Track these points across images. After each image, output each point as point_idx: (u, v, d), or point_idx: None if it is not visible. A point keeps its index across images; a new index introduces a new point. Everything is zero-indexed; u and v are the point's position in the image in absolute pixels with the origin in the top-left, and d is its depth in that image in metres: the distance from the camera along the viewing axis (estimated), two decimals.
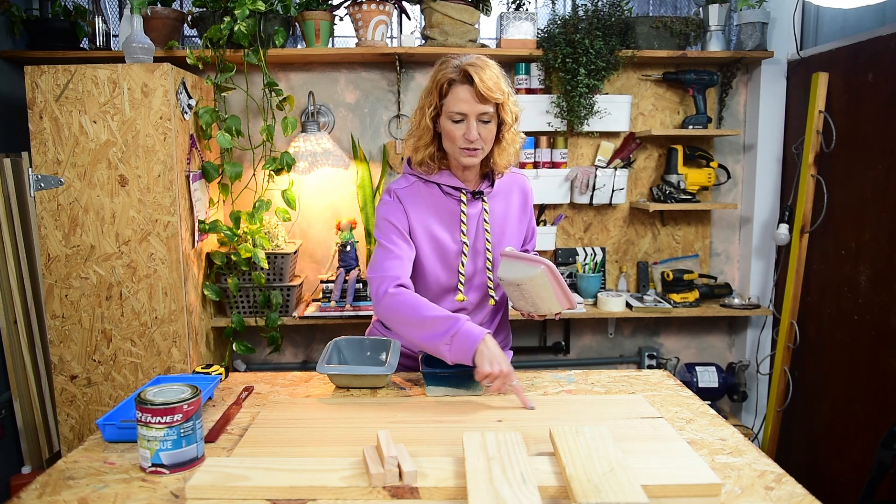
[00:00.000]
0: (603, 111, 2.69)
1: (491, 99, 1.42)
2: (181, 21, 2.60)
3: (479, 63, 1.43)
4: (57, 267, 2.20)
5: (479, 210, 1.56)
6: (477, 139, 1.44)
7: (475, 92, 1.41)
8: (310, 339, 2.92)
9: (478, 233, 1.57)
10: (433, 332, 1.35)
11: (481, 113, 1.43)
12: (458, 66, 1.43)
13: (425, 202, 1.54)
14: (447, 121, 1.46)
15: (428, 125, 1.49)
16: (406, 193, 1.55)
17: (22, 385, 2.42)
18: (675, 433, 1.19)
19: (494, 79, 1.42)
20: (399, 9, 2.73)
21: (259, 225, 2.55)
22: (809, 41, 2.66)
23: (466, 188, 1.54)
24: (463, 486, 0.97)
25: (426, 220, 1.54)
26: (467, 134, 1.43)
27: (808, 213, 2.53)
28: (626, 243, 2.92)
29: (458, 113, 1.43)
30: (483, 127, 1.45)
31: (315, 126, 2.65)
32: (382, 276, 1.45)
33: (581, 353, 3.01)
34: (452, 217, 1.55)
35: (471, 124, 1.43)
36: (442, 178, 1.54)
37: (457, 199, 1.55)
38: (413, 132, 1.54)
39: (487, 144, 1.48)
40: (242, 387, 1.47)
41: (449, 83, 1.44)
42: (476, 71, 1.41)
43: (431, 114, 1.48)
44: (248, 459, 1.06)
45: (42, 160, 2.15)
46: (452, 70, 1.44)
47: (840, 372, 2.39)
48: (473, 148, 1.46)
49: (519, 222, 1.64)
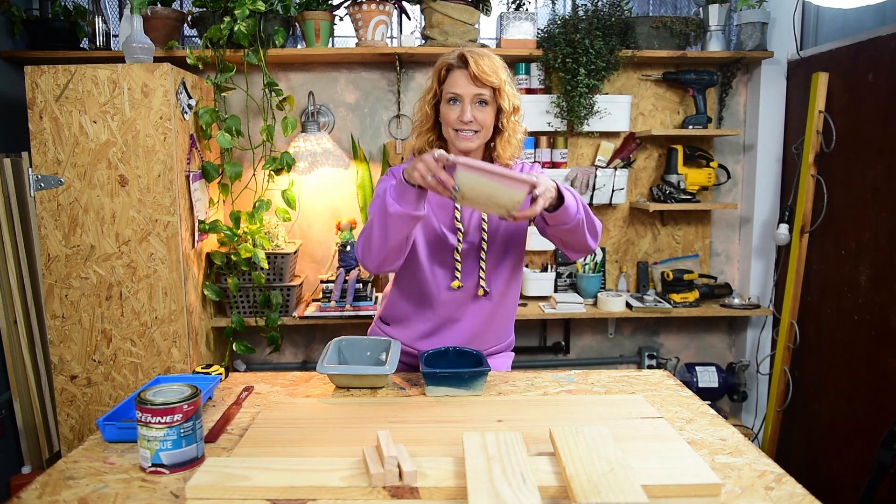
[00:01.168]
0: (603, 111, 2.69)
1: (486, 82, 1.44)
2: (181, 21, 2.60)
3: (479, 51, 1.48)
4: (57, 267, 2.20)
5: None
6: (471, 121, 1.46)
7: (470, 74, 1.45)
8: (310, 339, 2.92)
9: (473, 222, 1.57)
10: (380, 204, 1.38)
11: (476, 94, 1.46)
12: (457, 53, 1.48)
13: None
14: (444, 104, 1.49)
15: (428, 112, 1.53)
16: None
17: (22, 385, 2.42)
18: (675, 433, 1.19)
19: (492, 65, 1.45)
20: (399, 9, 2.73)
21: (259, 225, 2.55)
22: (809, 41, 2.66)
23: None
24: (463, 486, 0.97)
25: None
26: (461, 115, 1.46)
27: (808, 213, 2.53)
28: (626, 243, 2.92)
29: (453, 93, 1.47)
30: (479, 109, 1.47)
31: (315, 126, 2.65)
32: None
33: (581, 353, 3.01)
34: (448, 204, 1.57)
35: (465, 106, 1.46)
36: None
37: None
38: (415, 126, 1.59)
39: (484, 129, 1.49)
40: (242, 387, 1.47)
41: (447, 68, 1.49)
42: (472, 55, 1.45)
43: (431, 101, 1.52)
44: (248, 459, 1.06)
45: (42, 160, 2.15)
46: (451, 56, 1.49)
47: (840, 372, 2.39)
48: (469, 130, 1.48)
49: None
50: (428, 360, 1.46)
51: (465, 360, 1.49)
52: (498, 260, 1.60)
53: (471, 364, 1.46)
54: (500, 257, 1.60)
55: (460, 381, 1.40)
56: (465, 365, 1.46)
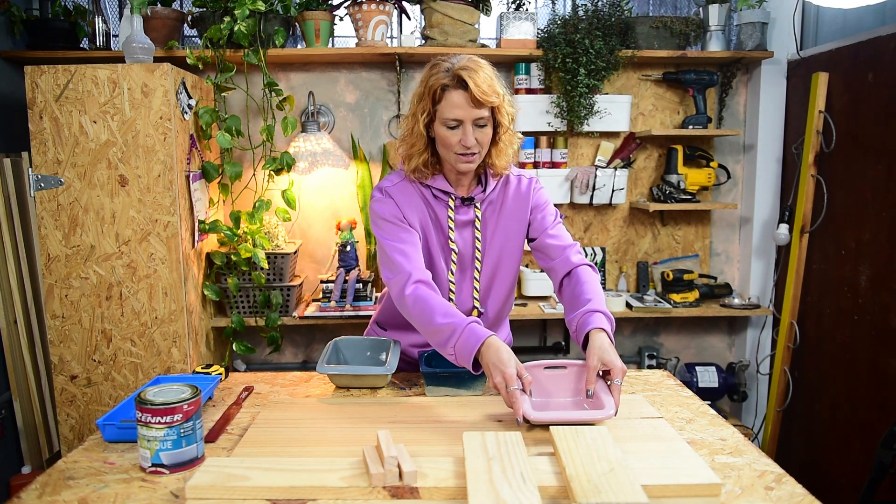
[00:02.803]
0: (603, 111, 2.69)
1: (486, 103, 1.37)
2: (181, 21, 2.60)
3: (472, 66, 1.37)
4: (57, 267, 2.20)
5: (472, 217, 1.52)
6: (474, 145, 1.39)
7: (470, 97, 1.36)
8: (310, 339, 2.92)
9: (467, 241, 1.53)
10: (439, 339, 1.32)
11: (477, 118, 1.38)
12: (449, 70, 1.37)
13: (416, 205, 1.50)
14: (442, 127, 1.41)
15: (421, 132, 1.44)
16: (397, 191, 1.50)
17: (22, 385, 2.42)
18: (675, 433, 1.19)
19: (489, 81, 1.37)
20: (399, 9, 2.73)
21: (259, 225, 2.55)
22: (809, 41, 2.66)
23: (456, 194, 1.50)
24: (463, 486, 0.97)
25: (415, 221, 1.49)
26: (464, 140, 1.39)
27: (808, 213, 2.53)
28: (626, 243, 2.92)
29: (454, 119, 1.38)
30: (479, 131, 1.40)
31: (315, 126, 2.65)
32: (397, 277, 1.41)
33: (581, 354, 2.99)
34: (441, 221, 1.51)
35: (467, 130, 1.38)
36: (433, 182, 1.49)
37: (445, 205, 1.51)
38: (405, 138, 1.48)
39: (484, 148, 1.43)
40: (242, 387, 1.47)
41: (442, 88, 1.38)
42: (470, 75, 1.35)
43: (425, 120, 1.42)
44: (248, 459, 1.06)
45: (42, 160, 2.15)
46: (444, 75, 1.38)
47: (840, 372, 2.39)
48: (471, 153, 1.41)
49: (517, 226, 1.56)
50: (428, 359, 1.46)
51: None
52: (492, 279, 1.56)
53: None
54: (494, 277, 1.56)
55: (460, 382, 1.39)
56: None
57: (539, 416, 1.19)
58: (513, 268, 1.58)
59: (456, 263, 1.52)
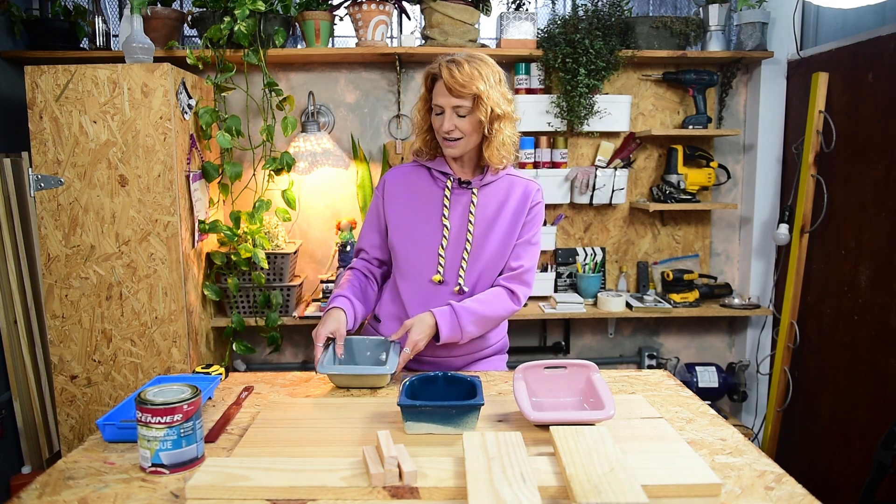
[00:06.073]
0: (603, 111, 2.69)
1: (459, 94, 1.48)
2: (181, 21, 2.60)
3: (460, 59, 1.50)
4: (57, 267, 2.20)
5: (468, 200, 1.60)
6: (452, 130, 1.51)
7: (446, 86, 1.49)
8: (310, 340, 2.91)
9: (462, 221, 1.60)
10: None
11: (456, 106, 1.49)
12: (440, 61, 1.51)
13: (413, 185, 1.64)
14: (431, 112, 1.56)
15: (420, 118, 1.60)
16: (395, 176, 1.67)
17: (22, 385, 2.42)
18: (675, 433, 1.19)
19: (469, 74, 1.47)
20: (399, 9, 2.73)
21: (259, 225, 2.55)
22: (809, 41, 2.66)
23: (454, 175, 1.61)
24: (463, 486, 0.97)
25: (409, 202, 1.63)
26: (443, 125, 1.52)
27: (808, 213, 2.53)
28: (626, 243, 2.92)
29: (437, 105, 1.53)
30: (460, 120, 1.51)
31: (315, 126, 2.65)
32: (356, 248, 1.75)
33: (581, 353, 3.01)
34: (437, 201, 1.61)
35: (445, 116, 1.51)
36: (434, 164, 1.63)
37: (443, 185, 1.62)
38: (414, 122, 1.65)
39: (467, 136, 1.53)
40: (242, 387, 1.47)
41: (432, 78, 1.54)
42: (449, 66, 1.48)
43: (423, 107, 1.59)
44: (248, 459, 1.06)
45: (42, 160, 2.15)
46: (436, 65, 1.52)
47: (840, 372, 2.39)
48: (453, 139, 1.53)
49: (512, 221, 1.62)
50: (412, 387, 1.26)
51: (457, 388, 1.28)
52: (480, 263, 1.61)
53: (463, 392, 1.26)
54: (482, 261, 1.61)
55: (446, 418, 1.17)
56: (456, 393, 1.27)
57: (539, 416, 1.20)
58: (503, 258, 1.65)
59: (447, 239, 1.60)
